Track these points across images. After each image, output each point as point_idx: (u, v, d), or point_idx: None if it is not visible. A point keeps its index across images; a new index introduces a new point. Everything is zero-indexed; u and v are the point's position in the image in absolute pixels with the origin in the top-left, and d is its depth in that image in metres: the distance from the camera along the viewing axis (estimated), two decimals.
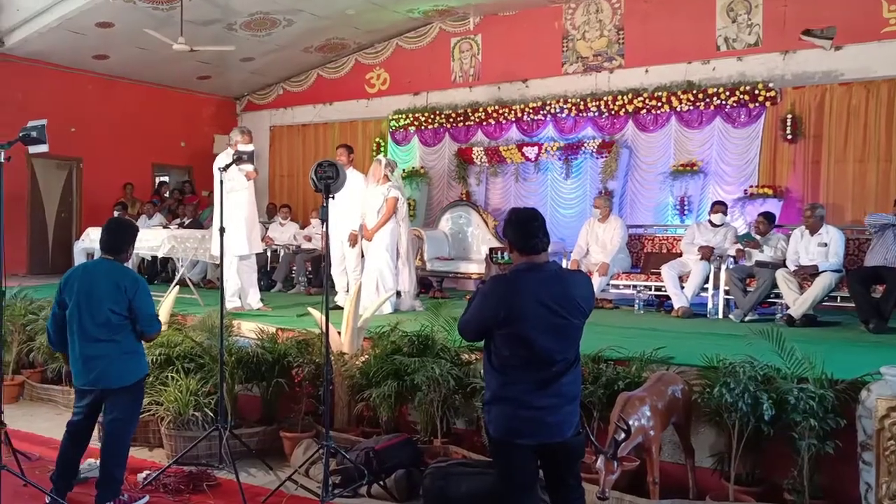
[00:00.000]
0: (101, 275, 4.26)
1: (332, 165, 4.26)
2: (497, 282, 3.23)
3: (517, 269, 3.18)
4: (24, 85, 11.33)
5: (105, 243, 4.37)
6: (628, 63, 10.48)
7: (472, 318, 3.23)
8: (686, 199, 9.51)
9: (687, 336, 6.28)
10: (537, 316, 3.06)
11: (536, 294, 3.08)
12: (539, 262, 3.18)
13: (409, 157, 11.82)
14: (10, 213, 11.17)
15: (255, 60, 12.82)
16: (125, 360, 4.26)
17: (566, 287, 3.16)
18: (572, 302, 3.14)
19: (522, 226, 3.20)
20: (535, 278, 3.13)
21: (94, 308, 4.18)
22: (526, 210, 3.32)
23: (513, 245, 3.22)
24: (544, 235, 3.21)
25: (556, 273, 3.22)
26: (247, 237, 7.35)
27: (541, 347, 3.09)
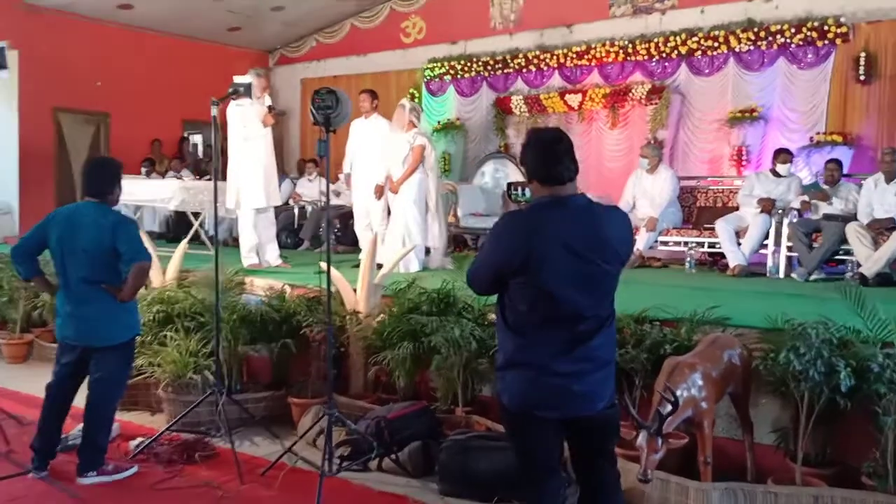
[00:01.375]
0: (83, 218, 3.82)
1: (332, 93, 3.68)
2: (511, 219, 2.61)
3: (537, 204, 2.59)
4: (49, 37, 10.95)
5: (87, 185, 3.91)
6: (682, 3, 9.59)
7: (482, 265, 2.65)
8: (745, 149, 8.67)
9: (745, 295, 5.61)
10: (561, 261, 2.47)
11: (560, 234, 2.48)
12: (564, 194, 2.56)
13: (445, 109, 11.16)
14: (37, 170, 10.97)
15: (287, 10, 12.25)
16: (115, 315, 3.83)
17: (598, 226, 2.55)
18: (606, 244, 2.54)
19: (544, 149, 2.60)
20: (560, 215, 2.52)
21: (77, 254, 3.76)
22: (548, 130, 2.71)
23: (532, 174, 2.61)
24: (571, 161, 2.58)
25: (586, 208, 2.58)
26: (264, 189, 6.84)
27: (566, 300, 2.49)
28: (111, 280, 3.79)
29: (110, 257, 3.76)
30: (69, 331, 3.86)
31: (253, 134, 6.75)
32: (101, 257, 3.76)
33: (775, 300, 5.27)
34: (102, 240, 3.74)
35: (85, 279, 3.76)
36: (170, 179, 7.80)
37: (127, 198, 7.73)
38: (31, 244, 3.93)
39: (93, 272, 3.76)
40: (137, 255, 3.77)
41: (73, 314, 3.82)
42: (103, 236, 3.75)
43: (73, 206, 3.96)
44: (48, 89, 11.03)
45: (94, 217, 3.80)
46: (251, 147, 6.76)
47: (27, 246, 3.93)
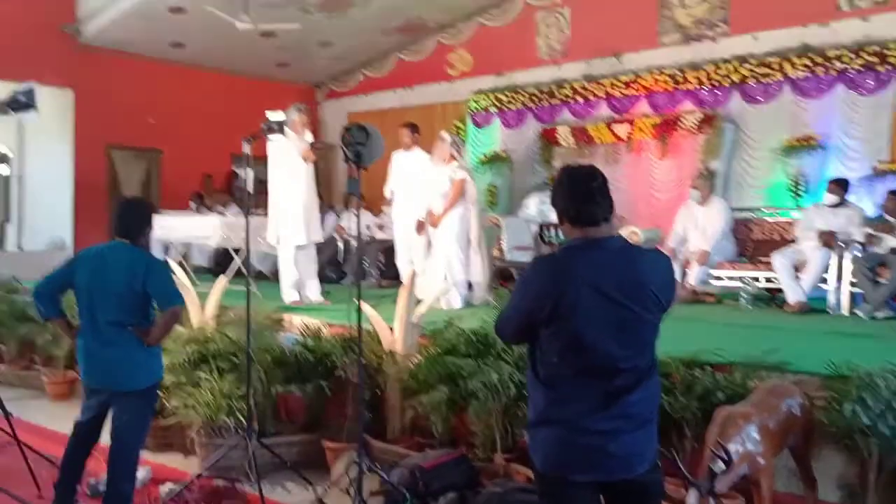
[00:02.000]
0: (115, 259, 3.72)
1: (362, 129, 3.55)
2: (542, 264, 2.46)
3: (569, 247, 2.41)
4: (102, 75, 11.22)
5: (118, 226, 3.82)
6: (734, 30, 9.34)
7: (511, 313, 2.47)
8: (802, 179, 8.31)
9: (805, 335, 5.29)
10: (594, 307, 2.28)
11: (594, 279, 2.29)
12: (598, 236, 2.37)
13: (490, 141, 11.03)
14: (91, 206, 11.18)
15: (334, 45, 12.36)
16: (139, 360, 3.71)
17: (635, 269, 2.36)
18: (643, 290, 2.33)
19: (575, 187, 2.41)
20: (593, 258, 2.34)
21: (106, 296, 3.66)
22: (580, 167, 2.49)
23: (563, 214, 2.42)
24: (604, 199, 2.38)
25: (622, 251, 2.40)
26: (304, 225, 6.77)
27: (600, 350, 2.30)
28: (139, 322, 3.69)
29: (140, 300, 3.67)
30: (94, 373, 3.78)
31: (293, 169, 6.71)
32: (130, 300, 3.66)
33: (838, 341, 4.95)
34: (134, 282, 3.65)
35: (113, 321, 3.67)
36: (211, 216, 7.79)
37: (168, 234, 7.80)
38: (57, 283, 3.84)
39: (121, 314, 3.67)
40: (172, 300, 3.68)
41: (98, 356, 3.73)
42: (135, 279, 3.65)
43: (104, 246, 3.86)
44: (102, 127, 11.27)
45: (125, 259, 3.71)
46: (292, 183, 6.71)
47: (53, 285, 3.83)
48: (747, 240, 7.73)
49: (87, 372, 3.83)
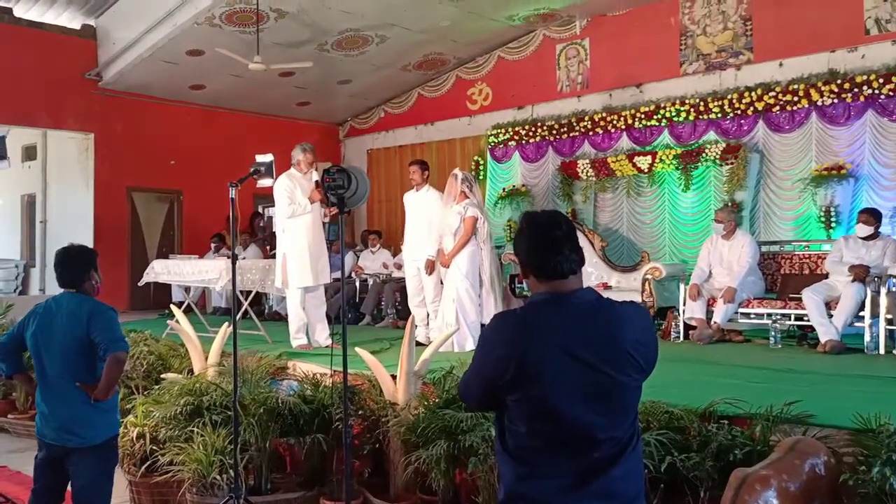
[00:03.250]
0: (59, 309, 3.61)
1: (343, 172, 3.36)
2: (502, 322, 2.18)
3: (533, 303, 2.16)
4: (122, 119, 11.32)
5: (60, 277, 3.70)
6: (758, 57, 9.08)
7: (472, 378, 2.21)
8: (833, 210, 7.94)
9: (836, 380, 4.92)
10: (564, 371, 2.02)
11: (561, 338, 2.04)
12: (565, 290, 2.12)
13: (510, 175, 10.83)
14: (111, 247, 11.18)
15: (354, 83, 12.35)
16: (90, 415, 3.54)
17: (610, 327, 2.09)
18: (618, 349, 2.07)
19: (539, 236, 2.16)
20: (560, 315, 2.09)
21: (52, 349, 3.54)
22: (544, 214, 2.23)
23: (526, 266, 2.19)
24: (572, 251, 2.14)
25: (594, 306, 2.13)
26: (311, 267, 6.60)
27: (573, 420, 2.03)
28: (87, 377, 3.53)
29: (85, 349, 3.52)
30: (46, 430, 3.62)
31: (298, 210, 6.56)
32: (76, 350, 3.51)
33: (871, 387, 4.59)
34: (77, 330, 3.51)
35: (60, 375, 3.53)
36: (218, 259, 7.70)
37: (179, 279, 7.69)
38: (13, 340, 3.74)
39: (67, 368, 3.52)
40: (112, 345, 3.49)
41: (49, 413, 3.57)
42: (78, 326, 3.51)
43: (51, 299, 3.74)
44: (123, 169, 11.34)
45: (69, 307, 3.58)
46: (298, 223, 6.57)
47: (9, 342, 3.75)
48: (775, 275, 7.35)
49: (40, 427, 3.68)
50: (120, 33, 10.60)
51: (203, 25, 9.69)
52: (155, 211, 12.10)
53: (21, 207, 12.73)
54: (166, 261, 8.03)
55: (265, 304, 10.13)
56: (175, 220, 12.30)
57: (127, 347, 3.60)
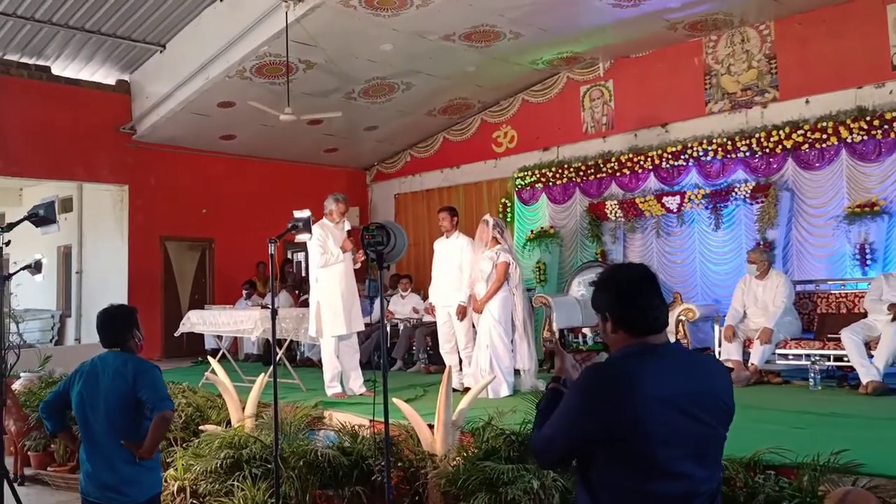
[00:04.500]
0: (104, 369, 3.66)
1: (382, 228, 3.42)
2: (599, 375, 2.07)
3: (629, 355, 2.08)
4: (155, 170, 11.56)
5: (104, 338, 3.76)
6: (784, 95, 9.09)
7: (558, 434, 2.09)
8: (868, 247, 7.84)
9: (882, 425, 4.84)
10: (671, 426, 1.97)
11: (665, 391, 1.99)
12: (658, 343, 2.10)
13: (538, 217, 10.86)
14: (145, 296, 11.34)
15: (380, 129, 12.53)
16: (133, 475, 3.56)
17: (703, 378, 2.09)
18: (716, 400, 2.06)
19: (635, 290, 2.11)
20: (660, 366, 2.05)
21: (97, 409, 3.58)
22: (633, 267, 2.21)
23: (617, 320, 2.11)
24: (664, 302, 2.13)
25: (687, 358, 2.15)
26: (344, 315, 6.65)
27: (679, 476, 1.99)
28: (132, 435, 3.56)
29: (131, 409, 3.56)
30: (91, 488, 3.65)
31: (331, 259, 6.63)
32: (121, 409, 3.56)
33: None
34: (123, 390, 3.56)
35: (105, 434, 3.56)
36: (252, 309, 7.78)
37: (211, 328, 7.78)
38: (58, 398, 3.80)
39: (112, 426, 3.56)
40: (159, 404, 3.54)
41: (94, 472, 3.61)
42: (124, 385, 3.57)
43: (96, 358, 3.79)
44: (156, 219, 11.55)
45: (114, 366, 3.63)
46: (330, 273, 6.64)
47: (54, 400, 3.81)
48: (812, 314, 7.26)
49: (84, 485, 3.71)
50: (153, 88, 10.89)
51: (234, 78, 9.93)
52: (187, 259, 12.28)
53: (57, 258, 12.98)
54: (202, 311, 8.13)
55: (296, 350, 10.19)
56: (207, 268, 12.47)
57: (172, 406, 3.65)
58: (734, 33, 9.48)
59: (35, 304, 12.57)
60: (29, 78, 10.49)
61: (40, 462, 7.14)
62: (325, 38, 9.13)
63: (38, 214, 4.06)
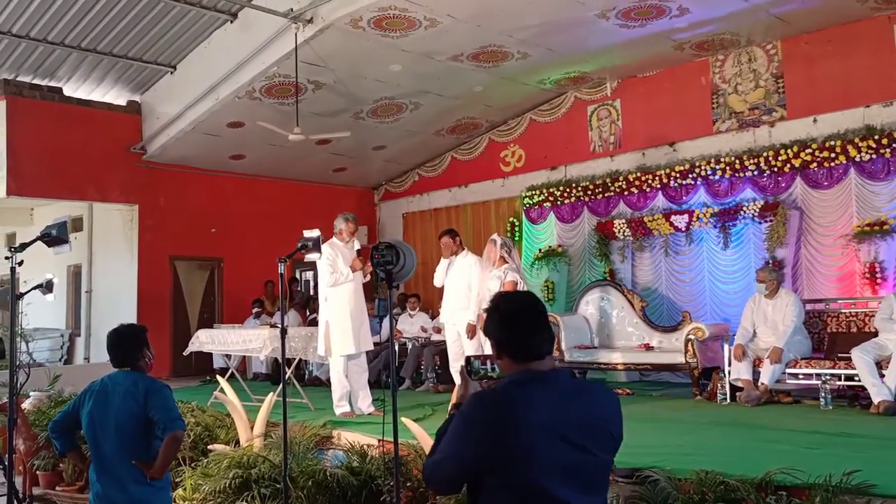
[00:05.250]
0: (114, 388, 3.66)
1: (391, 248, 3.43)
2: (484, 402, 2.11)
3: (513, 382, 2.12)
4: (165, 189, 11.64)
5: (114, 358, 3.77)
6: (791, 114, 9.11)
7: (446, 460, 2.12)
8: (878, 266, 7.81)
9: (893, 446, 4.79)
10: (552, 451, 2.01)
11: (548, 418, 2.03)
12: (543, 369, 2.14)
13: (546, 236, 10.87)
14: (154, 315, 11.38)
15: (389, 148, 12.59)
16: (144, 496, 3.56)
17: (591, 406, 2.12)
18: (602, 428, 2.11)
19: (517, 317, 2.17)
20: (544, 394, 2.07)
21: (108, 428, 3.58)
22: (519, 295, 2.30)
23: (502, 347, 2.18)
24: (547, 332, 2.18)
25: (574, 386, 2.19)
26: (353, 335, 6.65)
27: (563, 502, 2.01)
28: (143, 455, 3.56)
29: (142, 428, 3.56)
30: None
31: (341, 278, 6.65)
32: (132, 428, 3.56)
33: None
34: (134, 409, 3.56)
35: (115, 453, 3.56)
36: (261, 328, 7.80)
37: (220, 348, 7.80)
38: (67, 418, 3.80)
39: (123, 446, 3.55)
40: (171, 424, 3.54)
41: (104, 492, 3.60)
42: (135, 405, 3.57)
43: (106, 377, 3.79)
44: (165, 238, 11.61)
45: (125, 386, 3.64)
46: (340, 292, 6.65)
47: (63, 420, 3.81)
48: (822, 333, 7.22)
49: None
50: (164, 108, 10.99)
51: (244, 99, 10.01)
52: (196, 278, 12.33)
53: (67, 278, 13.05)
54: (211, 330, 8.15)
55: (305, 369, 10.19)
56: (216, 287, 12.51)
57: (184, 426, 3.65)
58: (741, 53, 9.52)
59: (45, 324, 12.63)
60: (41, 99, 10.61)
61: (49, 482, 7.14)
62: (333, 58, 9.22)
63: (50, 234, 4.09)
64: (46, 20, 9.31)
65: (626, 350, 8.36)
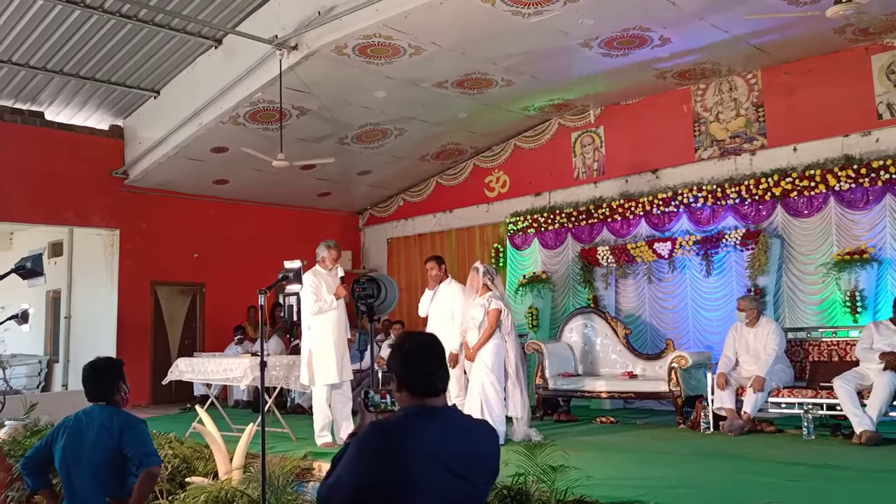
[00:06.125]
0: (89, 423, 3.59)
1: (372, 281, 3.41)
2: (375, 432, 2.28)
3: (407, 415, 2.32)
4: (149, 214, 11.56)
5: (89, 392, 3.70)
6: (772, 143, 9.21)
7: (339, 483, 2.26)
8: (858, 295, 7.86)
9: (877, 478, 4.78)
10: (436, 482, 2.20)
11: (435, 449, 2.23)
12: (436, 405, 2.36)
13: (530, 262, 10.88)
14: (134, 341, 11.25)
15: (374, 173, 12.60)
16: None
17: (475, 440, 2.35)
18: (483, 462, 2.33)
19: (418, 356, 2.40)
20: (432, 428, 2.28)
21: (81, 465, 3.50)
22: (421, 336, 2.53)
23: (401, 382, 2.39)
24: (444, 370, 2.42)
25: (461, 421, 2.40)
26: (336, 364, 6.58)
27: None
28: (117, 492, 3.48)
29: (117, 464, 3.49)
30: None
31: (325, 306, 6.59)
32: (106, 464, 3.48)
33: None
34: (108, 445, 3.49)
35: (89, 490, 3.48)
36: (242, 357, 7.71)
37: (200, 377, 7.70)
38: (40, 454, 3.70)
39: (97, 482, 3.47)
40: (146, 460, 3.47)
41: None
42: (109, 440, 3.50)
43: (81, 412, 3.71)
44: (146, 263, 11.51)
45: (100, 421, 3.57)
46: (323, 320, 6.58)
47: (36, 456, 3.71)
48: (804, 362, 7.24)
49: None
50: (147, 133, 10.94)
51: (228, 124, 9.99)
52: (177, 303, 12.20)
53: (46, 303, 12.89)
54: (190, 359, 8.05)
55: (287, 396, 10.08)
56: (197, 312, 12.38)
57: (160, 461, 3.58)
58: (722, 82, 9.63)
59: (22, 350, 12.45)
60: (23, 123, 10.54)
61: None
62: (318, 85, 9.23)
63: (25, 267, 4.03)
64: (29, 45, 9.27)
65: (609, 378, 8.34)
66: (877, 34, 8.17)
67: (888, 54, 8.32)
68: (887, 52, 8.32)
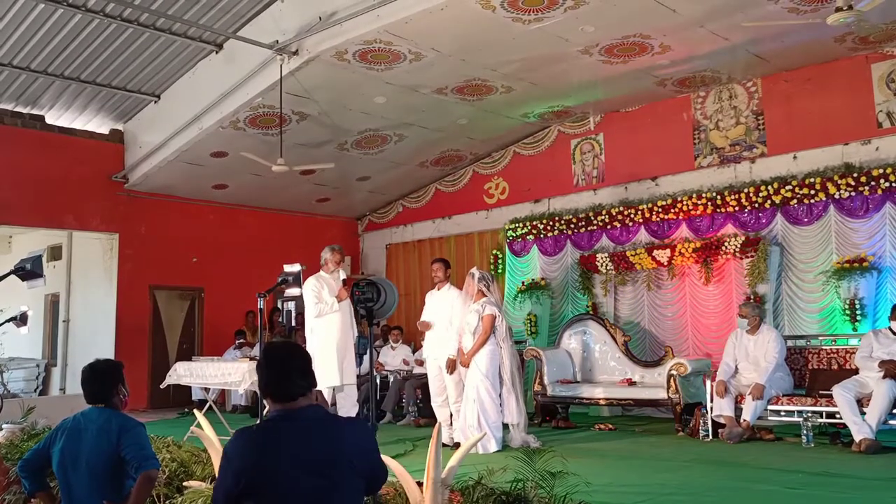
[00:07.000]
0: (87, 426, 3.56)
1: (372, 285, 3.40)
2: (240, 437, 2.49)
3: (268, 419, 2.58)
4: (148, 218, 11.55)
5: (88, 394, 3.68)
6: (772, 151, 9.21)
7: (217, 490, 2.47)
8: (857, 303, 7.85)
9: (875, 486, 4.77)
10: (291, 480, 2.35)
11: (291, 450, 2.40)
12: (295, 408, 2.52)
13: (529, 269, 10.87)
14: (133, 345, 11.23)
15: (373, 179, 12.60)
16: None
17: (332, 439, 2.49)
18: (341, 459, 2.45)
19: (274, 366, 2.58)
20: (290, 429, 2.46)
21: (79, 468, 3.48)
22: (281, 346, 2.72)
23: (264, 389, 2.60)
24: (302, 378, 2.55)
25: (319, 421, 2.52)
26: (338, 366, 6.59)
27: None
28: (115, 495, 3.46)
29: (115, 467, 3.46)
30: None
31: (325, 308, 6.59)
32: (104, 467, 3.46)
33: None
34: (106, 448, 3.46)
35: (87, 493, 3.45)
36: (240, 361, 7.70)
37: (198, 381, 7.68)
38: (38, 457, 3.67)
39: (94, 485, 3.44)
40: (145, 463, 3.44)
41: None
42: (107, 443, 3.47)
43: (79, 414, 3.68)
44: (145, 268, 11.50)
45: (98, 423, 3.54)
46: (326, 323, 6.59)
47: (34, 459, 3.68)
48: (803, 370, 7.22)
49: None
50: (147, 137, 10.95)
51: (227, 129, 10.00)
52: (176, 308, 12.19)
53: (45, 307, 12.87)
54: (189, 363, 8.03)
55: None
56: (196, 317, 12.36)
57: (158, 465, 3.56)
58: (722, 90, 9.65)
59: (20, 353, 12.43)
60: (23, 127, 10.54)
61: None
62: (318, 90, 9.24)
63: (24, 268, 4.02)
64: (30, 48, 9.27)
65: (608, 385, 8.32)
66: (877, 43, 8.19)
67: (888, 63, 8.34)
68: (887, 60, 8.34)
